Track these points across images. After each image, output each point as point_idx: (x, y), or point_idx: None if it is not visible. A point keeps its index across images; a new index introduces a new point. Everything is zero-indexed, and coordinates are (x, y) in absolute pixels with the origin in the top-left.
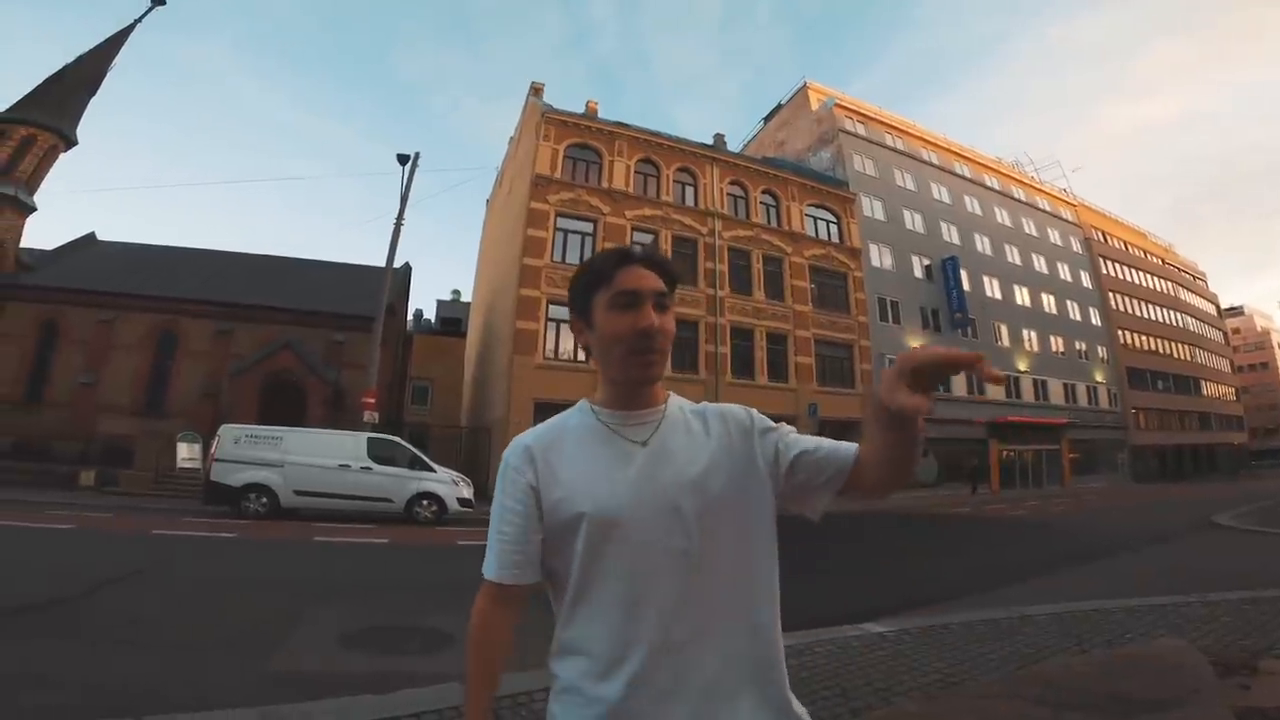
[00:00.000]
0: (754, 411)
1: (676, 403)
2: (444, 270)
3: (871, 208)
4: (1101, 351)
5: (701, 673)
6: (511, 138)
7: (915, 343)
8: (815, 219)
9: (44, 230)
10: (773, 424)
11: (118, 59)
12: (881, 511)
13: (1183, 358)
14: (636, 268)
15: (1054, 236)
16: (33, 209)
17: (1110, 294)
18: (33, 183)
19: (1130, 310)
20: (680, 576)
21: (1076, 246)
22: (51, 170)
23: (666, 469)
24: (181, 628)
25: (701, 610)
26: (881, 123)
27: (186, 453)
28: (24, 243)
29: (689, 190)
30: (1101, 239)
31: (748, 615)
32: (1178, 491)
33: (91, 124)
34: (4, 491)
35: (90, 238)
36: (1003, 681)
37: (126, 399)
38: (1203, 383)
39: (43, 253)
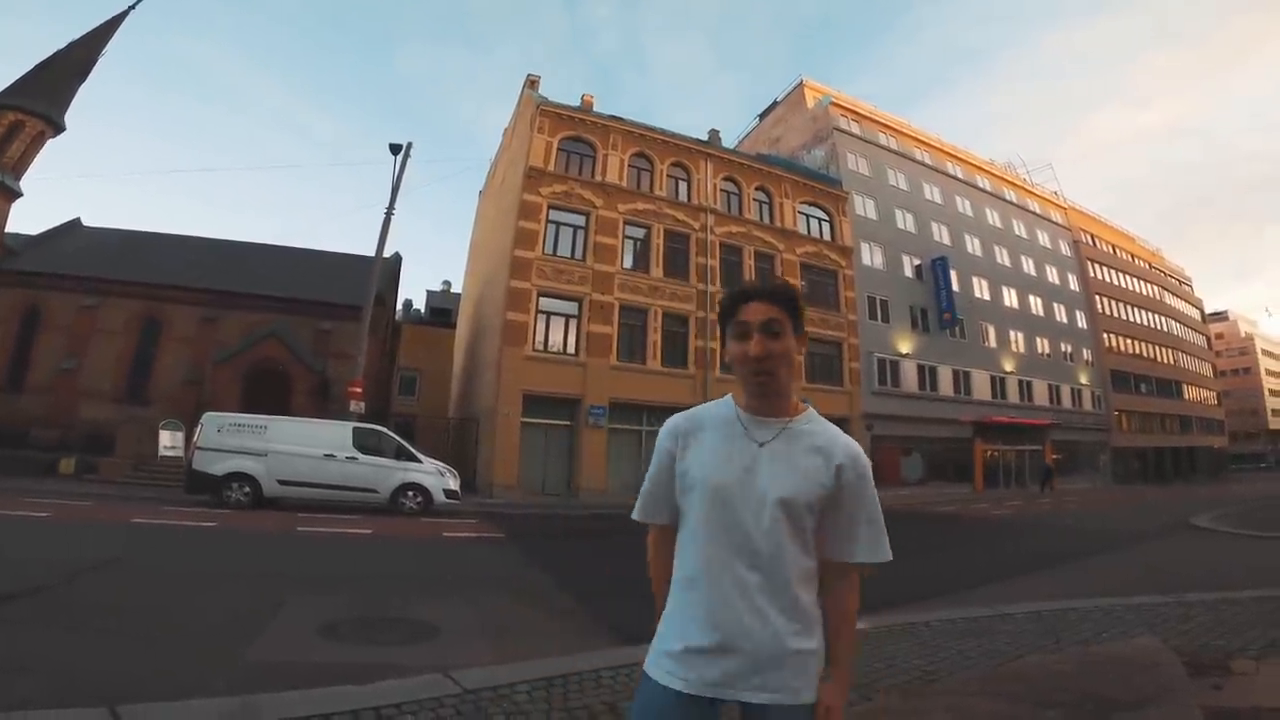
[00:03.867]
0: (865, 472)
1: (810, 420)
2: (434, 261)
3: (864, 206)
4: (1086, 354)
5: (741, 614)
6: (506, 129)
7: (904, 341)
8: (808, 216)
9: (30, 216)
10: (862, 483)
11: (108, 46)
12: None
13: (1166, 361)
14: (752, 303)
15: (1043, 239)
16: (18, 194)
17: (1097, 297)
18: (19, 168)
19: (1116, 314)
20: (744, 549)
21: (1065, 249)
22: (39, 156)
23: (766, 471)
24: (160, 617)
25: (761, 577)
26: (876, 122)
27: (169, 441)
28: (9, 228)
29: (682, 185)
30: (1090, 242)
31: (782, 597)
32: (1157, 493)
33: (81, 111)
34: None
35: (75, 223)
36: (981, 679)
37: (108, 385)
38: (1185, 386)
39: (27, 238)
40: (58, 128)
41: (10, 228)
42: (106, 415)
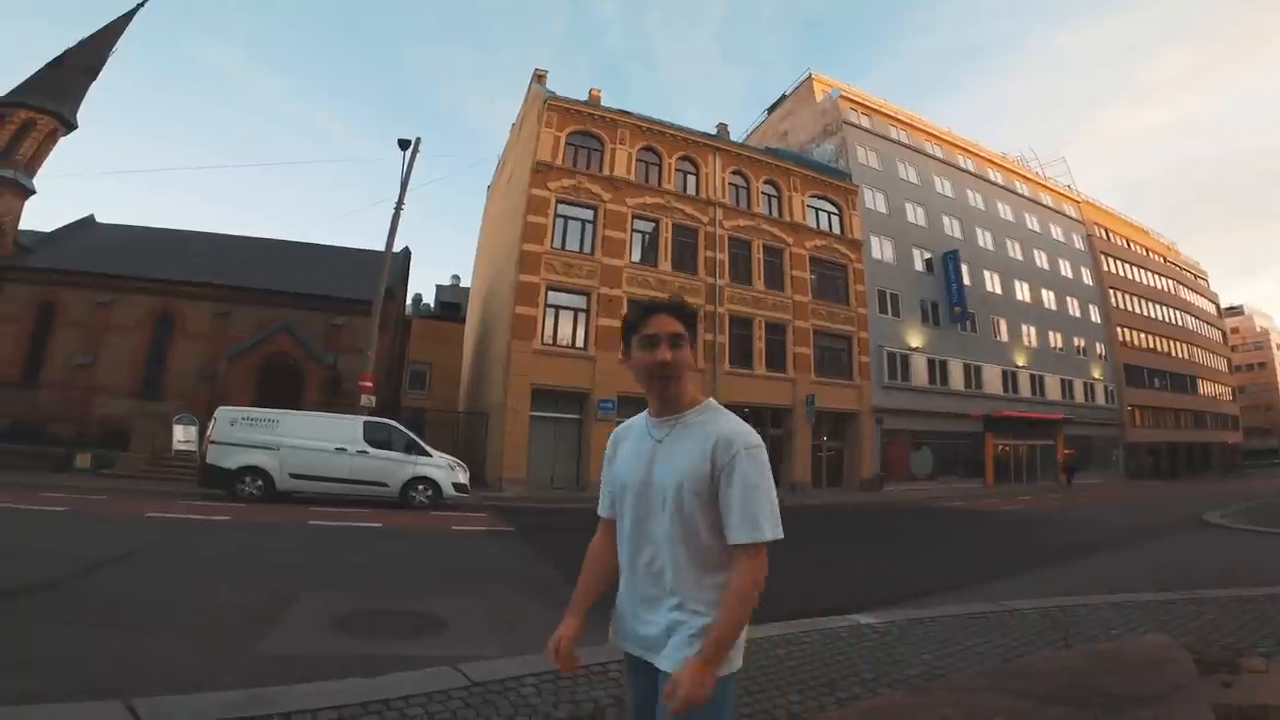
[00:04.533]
0: (739, 452)
1: (703, 411)
2: (443, 256)
3: (874, 200)
4: (1100, 348)
5: (646, 593)
6: (514, 124)
7: (914, 335)
8: (817, 210)
9: (44, 213)
10: (734, 463)
11: (119, 44)
12: (880, 504)
13: (1181, 356)
14: (660, 316)
15: (1056, 232)
16: (32, 192)
17: (1111, 291)
18: (32, 166)
19: (1130, 308)
20: (649, 536)
21: (1078, 243)
22: (51, 154)
23: (660, 464)
24: (174, 611)
25: (665, 558)
26: (886, 115)
27: (183, 435)
28: (23, 225)
29: (690, 179)
30: (1104, 236)
31: (689, 572)
32: (1169, 489)
33: (93, 109)
34: None
35: (89, 220)
36: (988, 674)
37: (123, 381)
38: (1199, 381)
39: (41, 235)
40: (69, 126)
41: (24, 225)
42: (122, 410)
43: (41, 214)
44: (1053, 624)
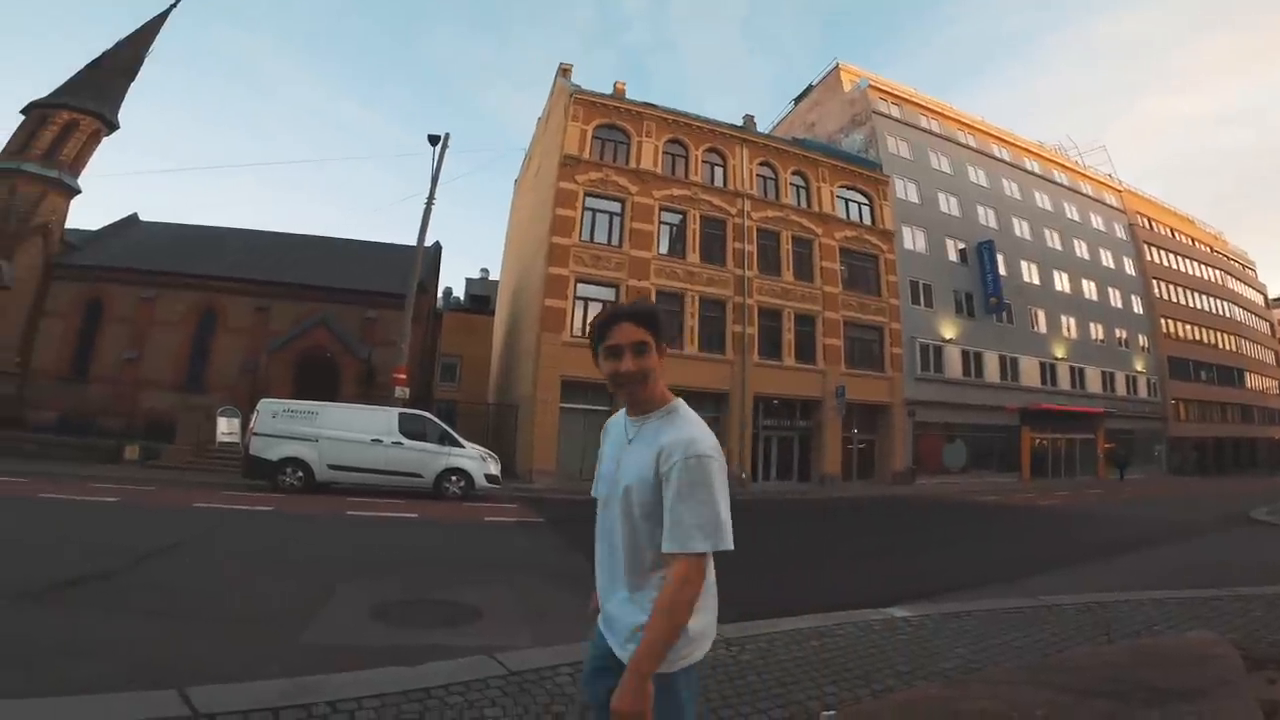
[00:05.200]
0: (678, 462)
1: (665, 413)
2: (471, 249)
3: (905, 190)
4: (1142, 340)
5: (607, 576)
6: (540, 118)
7: (948, 326)
8: (847, 201)
9: (88, 212)
10: (673, 471)
11: (154, 45)
12: (912, 497)
13: (1227, 348)
14: (622, 325)
15: (1097, 222)
16: (77, 191)
17: (1154, 281)
18: (76, 166)
19: (1174, 298)
20: (610, 533)
21: (1120, 232)
22: (94, 154)
23: (625, 461)
24: (220, 601)
25: (618, 551)
26: (916, 105)
27: (226, 427)
28: (69, 224)
29: (718, 171)
30: (1147, 225)
31: (636, 563)
32: (1214, 485)
33: (132, 109)
34: (51, 465)
35: (133, 219)
36: (1026, 669)
37: (168, 374)
38: (1247, 374)
39: (87, 234)
40: (111, 126)
41: (71, 224)
42: (166, 403)
43: (87, 213)
44: (1092, 619)
